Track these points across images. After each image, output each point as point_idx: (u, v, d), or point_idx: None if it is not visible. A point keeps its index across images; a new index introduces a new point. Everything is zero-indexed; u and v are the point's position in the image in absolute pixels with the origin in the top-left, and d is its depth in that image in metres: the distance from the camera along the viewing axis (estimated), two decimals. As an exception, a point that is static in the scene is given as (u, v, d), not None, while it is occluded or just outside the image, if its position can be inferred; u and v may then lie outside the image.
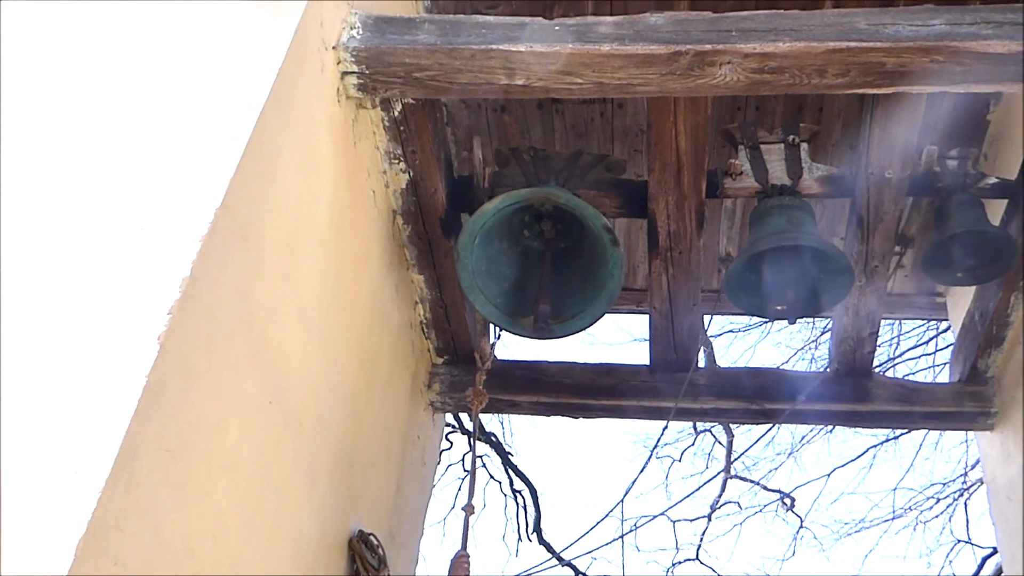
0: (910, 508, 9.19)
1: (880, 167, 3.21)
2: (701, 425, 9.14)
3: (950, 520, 8.99)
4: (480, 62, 2.77)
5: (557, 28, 2.78)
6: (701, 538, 9.52)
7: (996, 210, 3.45)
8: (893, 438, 8.95)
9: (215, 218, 1.96)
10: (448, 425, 7.75)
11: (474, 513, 3.15)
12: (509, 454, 9.22)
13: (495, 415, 7.94)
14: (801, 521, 9.53)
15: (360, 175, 3.01)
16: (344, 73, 2.79)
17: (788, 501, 9.53)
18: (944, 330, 7.79)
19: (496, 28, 2.80)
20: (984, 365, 3.92)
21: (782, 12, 2.77)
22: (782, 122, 3.98)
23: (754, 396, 4.03)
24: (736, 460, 9.34)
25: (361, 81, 2.82)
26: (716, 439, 9.48)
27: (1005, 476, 3.91)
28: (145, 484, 1.70)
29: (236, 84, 2.23)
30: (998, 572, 7.66)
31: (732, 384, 4.09)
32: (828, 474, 9.28)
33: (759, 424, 4.44)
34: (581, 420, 4.28)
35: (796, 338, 9.12)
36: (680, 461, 9.65)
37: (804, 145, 3.39)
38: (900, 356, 8.59)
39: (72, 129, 2.12)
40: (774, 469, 9.51)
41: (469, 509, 3.14)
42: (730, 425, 8.77)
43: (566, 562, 7.88)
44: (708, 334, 7.87)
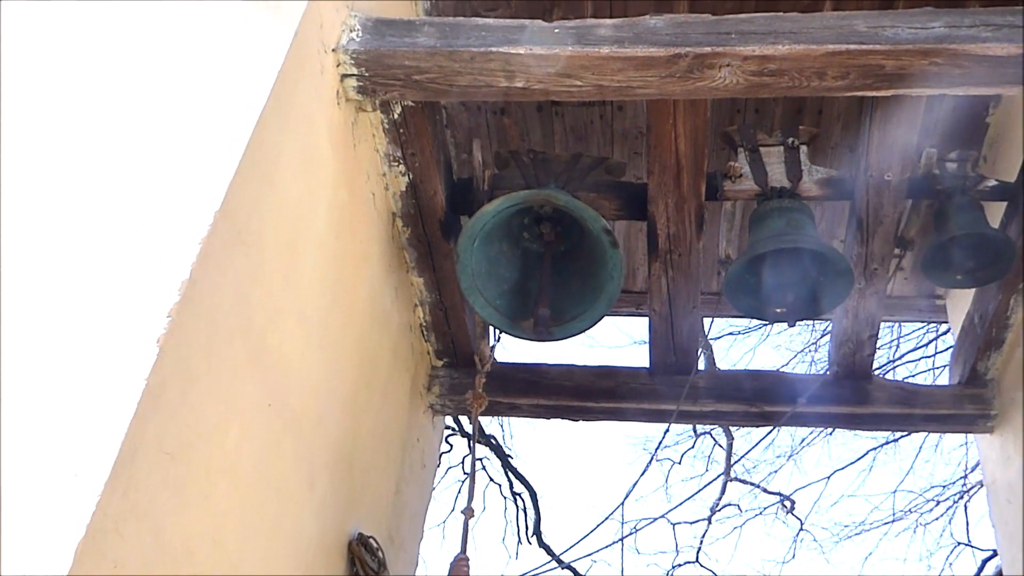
0: (910, 510, 9.19)
1: (879, 169, 3.21)
2: (701, 428, 9.14)
3: (950, 522, 8.99)
4: (480, 65, 2.77)
5: (557, 31, 2.78)
6: (701, 541, 9.51)
7: (995, 212, 3.45)
8: (893, 440, 8.95)
9: (214, 221, 1.97)
10: (448, 428, 7.73)
11: (474, 516, 3.15)
12: (509, 457, 9.21)
13: (495, 418, 7.93)
14: (801, 524, 9.52)
15: (360, 178, 3.01)
16: (344, 76, 2.79)
17: (788, 504, 9.52)
18: (944, 332, 7.79)
19: (496, 31, 2.80)
20: (984, 367, 3.92)
21: (781, 15, 2.77)
22: (781, 124, 3.98)
23: (754, 399, 4.03)
24: (736, 463, 9.33)
25: (361, 84, 2.83)
26: (716, 441, 9.48)
27: (1005, 478, 3.90)
28: (144, 486, 1.70)
29: (236, 86, 2.23)
30: (998, 574, 7.64)
31: (732, 387, 4.08)
32: (828, 477, 9.28)
33: (759, 427, 4.43)
34: (581, 423, 4.27)
35: (796, 340, 9.13)
36: (680, 464, 9.65)
37: (803, 147, 3.40)
38: (900, 358, 8.59)
39: (71, 131, 2.12)
40: (774, 472, 9.51)
41: (469, 512, 3.14)
42: (730, 428, 8.77)
43: (566, 564, 7.86)
44: (708, 336, 7.87)
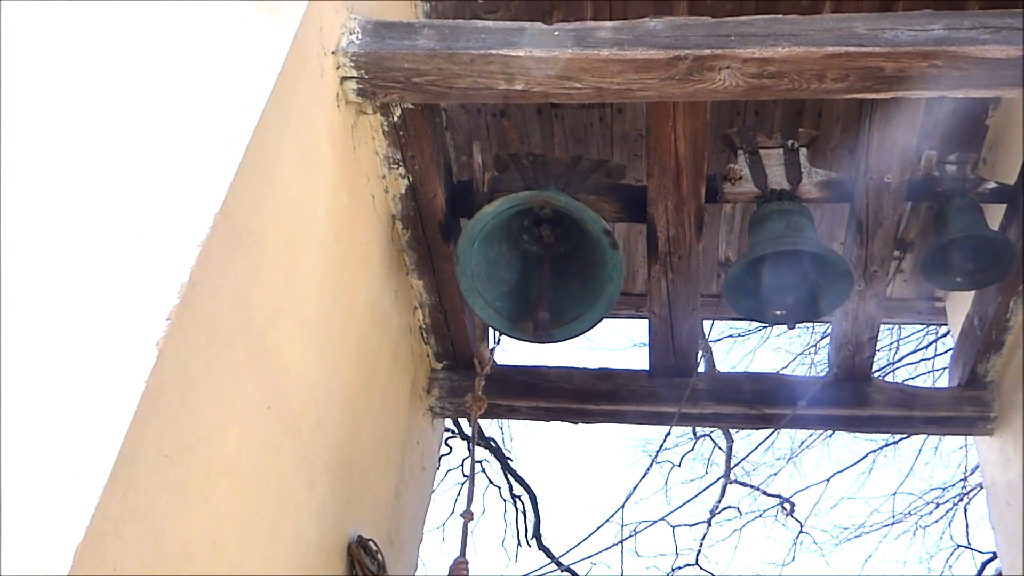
0: (910, 513, 9.19)
1: (879, 172, 3.21)
2: (700, 430, 9.14)
3: (950, 525, 8.99)
4: (479, 67, 2.77)
5: (556, 33, 2.78)
6: (701, 543, 9.50)
7: (995, 215, 3.45)
8: (893, 443, 8.95)
9: (214, 223, 1.97)
10: (447, 430, 7.73)
11: (473, 519, 3.15)
12: (508, 459, 9.21)
13: (494, 420, 7.93)
14: (801, 526, 9.52)
15: (359, 180, 3.01)
16: (343, 78, 2.79)
17: (788, 506, 9.52)
18: (943, 335, 7.79)
19: (495, 33, 2.80)
20: (983, 370, 3.92)
21: (781, 17, 2.77)
22: (781, 127, 3.99)
23: (754, 401, 4.03)
24: (736, 465, 9.33)
25: (360, 86, 2.83)
26: (716, 444, 9.48)
27: (1004, 481, 3.90)
28: (144, 489, 1.70)
29: (236, 89, 2.23)
30: (998, 577, 7.64)
31: (732, 389, 4.08)
32: (828, 479, 9.28)
33: (759, 429, 4.42)
34: (580, 425, 4.27)
35: (795, 343, 9.14)
36: (680, 466, 9.65)
37: (803, 150, 3.40)
38: (899, 361, 8.59)
39: (71, 133, 2.12)
40: (774, 474, 9.51)
41: (468, 515, 3.13)
42: (729, 430, 8.77)
43: (565, 567, 7.84)
44: (708, 339, 7.86)
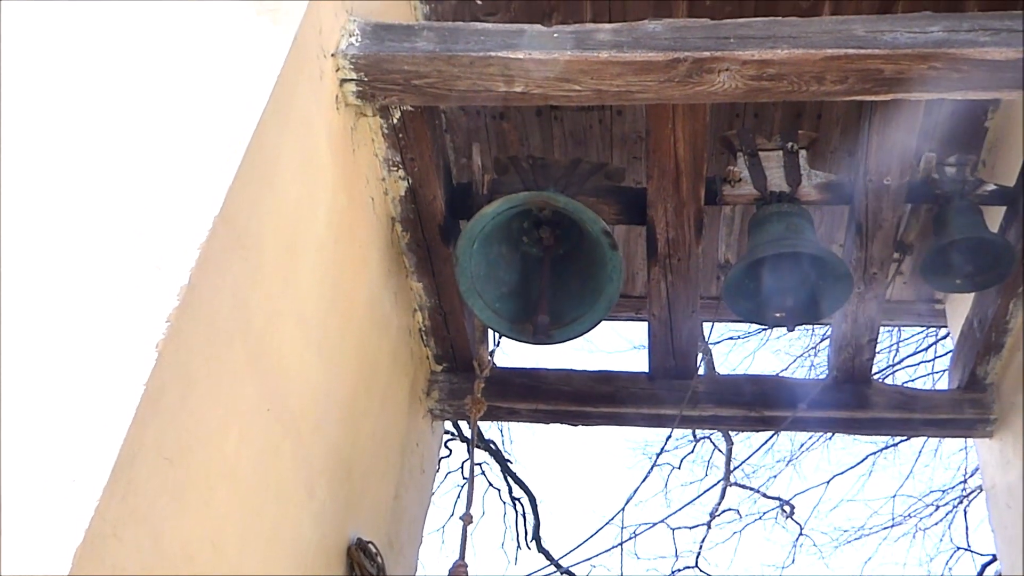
0: (910, 515, 9.18)
1: (879, 174, 3.21)
2: (700, 432, 9.14)
3: (950, 527, 8.98)
4: (479, 69, 2.77)
5: (556, 35, 2.78)
6: (700, 545, 9.49)
7: (995, 217, 3.45)
8: (892, 445, 8.94)
9: (213, 226, 1.96)
10: (447, 432, 7.73)
11: (472, 522, 3.14)
12: (508, 461, 9.21)
13: (494, 423, 7.93)
14: (801, 528, 9.51)
15: (359, 182, 3.01)
16: (343, 80, 2.80)
17: (787, 508, 9.51)
18: (943, 337, 7.78)
19: (495, 35, 2.80)
20: (983, 372, 3.92)
21: (780, 19, 2.77)
22: (780, 129, 3.99)
23: (753, 403, 4.03)
24: (736, 468, 9.33)
25: (360, 88, 2.83)
26: (715, 446, 9.48)
27: (1004, 483, 3.90)
28: (143, 491, 1.70)
29: (235, 91, 2.23)
30: (998, 579, 7.63)
31: (732, 391, 4.08)
32: (827, 481, 9.27)
33: (759, 431, 4.42)
34: (580, 428, 4.27)
35: (795, 345, 9.13)
36: (679, 468, 9.65)
37: (803, 152, 3.40)
38: (899, 363, 8.58)
39: (71, 135, 2.12)
40: (773, 476, 9.50)
41: (467, 518, 3.13)
42: (729, 432, 8.76)
43: (565, 569, 7.84)
44: (707, 341, 7.86)
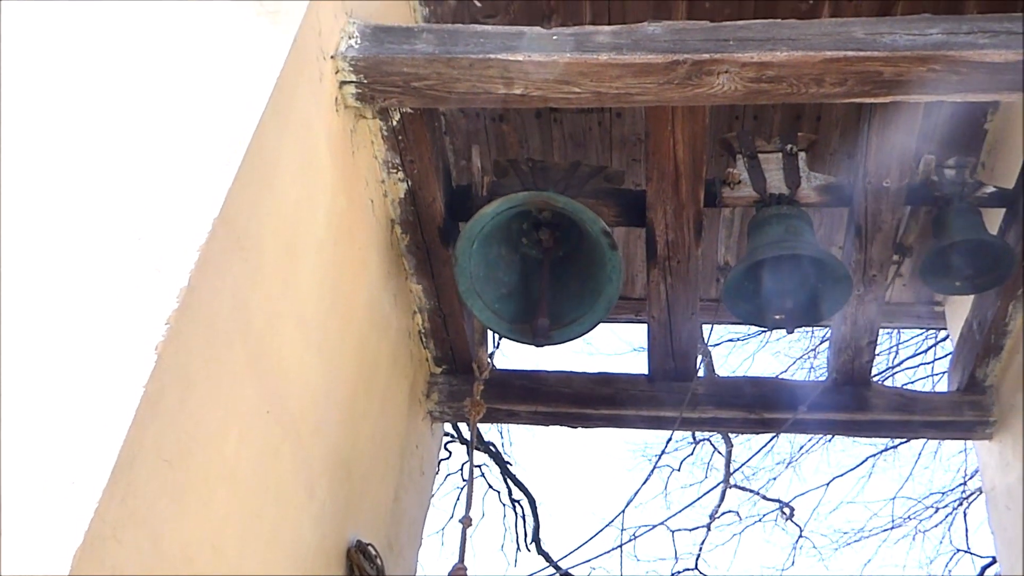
0: (909, 517, 9.18)
1: (878, 176, 3.21)
2: (700, 434, 9.13)
3: (949, 529, 8.98)
4: (478, 71, 2.77)
5: (555, 37, 2.78)
6: (700, 547, 9.48)
7: (994, 219, 3.46)
8: (892, 447, 8.94)
9: (213, 228, 1.96)
10: (447, 434, 7.73)
11: (472, 525, 3.13)
12: (508, 463, 9.20)
13: (494, 424, 7.93)
14: (800, 530, 9.51)
15: (358, 184, 3.01)
16: (342, 82, 2.80)
17: (787, 510, 9.51)
18: (942, 339, 7.78)
19: (494, 37, 2.80)
20: (982, 374, 3.92)
21: (779, 21, 2.77)
22: (780, 131, 3.99)
23: (753, 405, 4.03)
24: (736, 470, 9.33)
25: (359, 90, 2.83)
26: (715, 448, 9.47)
27: (1004, 485, 3.90)
28: (143, 493, 1.70)
29: (234, 93, 2.23)
30: (997, 582, 7.62)
31: (731, 393, 4.08)
32: (827, 483, 9.26)
33: (758, 434, 4.42)
34: (580, 430, 4.27)
35: (795, 347, 9.13)
36: (679, 470, 9.64)
37: (802, 154, 3.40)
38: (899, 365, 8.58)
39: (71, 137, 2.12)
40: (773, 478, 9.50)
41: (466, 521, 3.12)
42: (729, 434, 8.76)
43: (564, 571, 7.84)
44: (707, 343, 7.86)
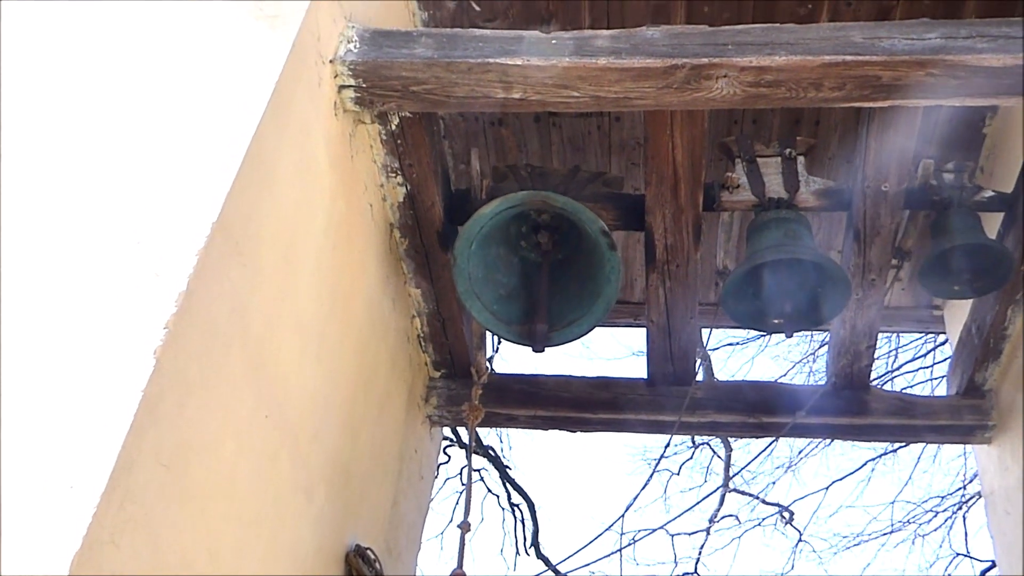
0: (909, 521, 9.18)
1: (877, 180, 3.22)
2: (699, 438, 9.13)
3: (949, 533, 8.98)
4: (477, 75, 2.77)
5: (554, 42, 2.79)
6: (700, 551, 9.49)
7: (993, 223, 3.46)
8: (891, 451, 8.95)
9: (211, 232, 1.96)
10: (446, 439, 7.73)
11: (470, 530, 3.13)
12: (507, 468, 9.21)
13: (493, 429, 7.92)
14: (800, 534, 9.51)
15: (357, 188, 3.01)
16: (341, 87, 2.80)
17: (787, 514, 9.51)
18: (942, 343, 7.79)
19: (493, 41, 2.80)
20: (982, 378, 3.91)
21: (778, 26, 2.78)
22: (779, 135, 3.99)
23: (752, 409, 4.03)
24: (735, 475, 9.32)
25: (358, 95, 2.83)
26: (715, 452, 9.47)
27: (1003, 489, 3.90)
28: (141, 498, 1.70)
29: (233, 97, 2.23)
30: (997, 585, 7.61)
31: (731, 397, 4.08)
32: (826, 487, 9.28)
33: (758, 438, 4.43)
34: (579, 434, 4.27)
35: (794, 351, 9.14)
36: (678, 474, 9.65)
37: (801, 158, 3.40)
38: (898, 369, 8.59)
39: (69, 140, 2.12)
40: (772, 482, 9.51)
41: (465, 526, 3.12)
42: (728, 439, 8.76)
43: (563, 575, 7.85)
44: (706, 347, 7.87)
